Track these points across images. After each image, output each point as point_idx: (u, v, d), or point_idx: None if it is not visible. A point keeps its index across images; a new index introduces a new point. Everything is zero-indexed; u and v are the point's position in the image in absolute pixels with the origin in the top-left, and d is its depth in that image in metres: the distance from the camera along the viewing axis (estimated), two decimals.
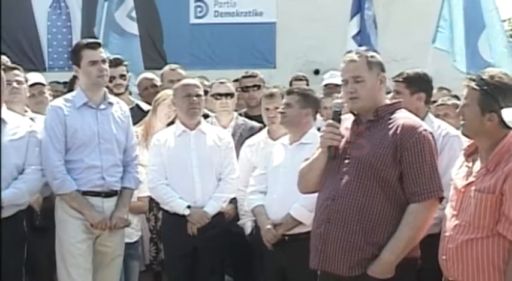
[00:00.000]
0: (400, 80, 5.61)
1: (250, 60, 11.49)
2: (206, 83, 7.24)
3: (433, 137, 4.36)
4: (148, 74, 8.28)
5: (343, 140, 4.37)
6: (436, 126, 5.48)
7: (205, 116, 6.51)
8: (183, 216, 5.91)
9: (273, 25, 12.04)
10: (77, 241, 5.60)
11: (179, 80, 6.50)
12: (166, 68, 7.81)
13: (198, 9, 12.06)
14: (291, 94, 5.78)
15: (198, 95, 6.05)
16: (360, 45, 8.40)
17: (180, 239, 5.92)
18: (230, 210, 6.26)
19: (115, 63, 6.96)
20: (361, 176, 4.23)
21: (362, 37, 9.59)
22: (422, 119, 5.05)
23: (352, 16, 9.71)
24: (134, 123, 6.13)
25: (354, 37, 9.62)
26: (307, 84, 8.33)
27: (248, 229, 6.14)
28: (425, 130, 4.28)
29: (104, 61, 5.70)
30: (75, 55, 5.76)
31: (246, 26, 12.00)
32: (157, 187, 5.97)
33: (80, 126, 5.63)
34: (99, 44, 5.85)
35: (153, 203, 6.32)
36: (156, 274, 6.67)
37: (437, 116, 6.03)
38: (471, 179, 4.19)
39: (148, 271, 6.60)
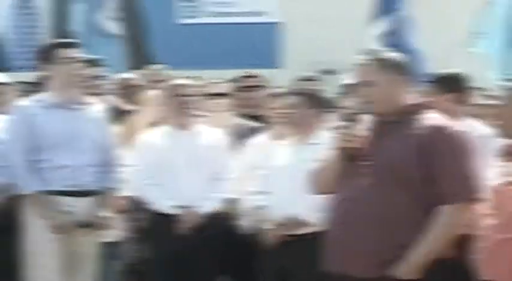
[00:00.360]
0: (432, 80, 5.66)
1: (250, 60, 11.53)
2: (199, 83, 7.18)
3: (466, 137, 4.34)
4: (128, 74, 8.33)
5: (363, 141, 4.37)
6: (470, 127, 5.39)
7: (198, 116, 6.51)
8: (172, 216, 6.02)
9: (274, 25, 12.42)
10: (44, 240, 5.62)
11: (164, 80, 6.74)
12: (152, 67, 8.11)
13: (189, 9, 12.63)
14: (295, 94, 5.91)
15: (188, 95, 6.19)
16: (391, 45, 8.27)
17: (168, 239, 6.03)
18: (230, 210, 6.27)
19: (91, 63, 6.93)
20: (382, 177, 4.23)
21: (393, 37, 9.67)
22: (456, 119, 5.02)
23: (381, 14, 9.78)
24: (114, 124, 6.24)
25: (381, 36, 9.67)
26: (317, 85, 7.98)
27: (248, 229, 6.12)
28: (457, 130, 4.28)
29: (78, 61, 5.79)
30: (48, 54, 5.83)
31: (244, 26, 12.42)
32: (144, 187, 6.12)
33: (50, 126, 5.71)
34: (73, 44, 6.00)
35: (139, 202, 6.32)
36: (139, 274, 6.61)
37: (470, 116, 5.94)
38: (508, 178, 4.19)
39: (130, 271, 6.61)
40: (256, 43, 12.26)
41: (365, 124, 4.42)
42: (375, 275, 4.24)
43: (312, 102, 5.79)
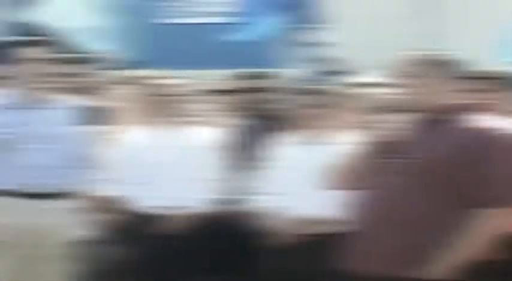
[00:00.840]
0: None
1: (252, 60, 11.37)
2: (189, 82, 7.06)
3: None
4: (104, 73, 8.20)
5: (399, 138, 4.47)
6: None
7: (187, 116, 6.59)
8: (156, 216, 6.16)
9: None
10: None
11: (148, 80, 6.73)
12: (138, 67, 8.01)
13: (179, 8, 12.55)
14: (303, 94, 6.22)
15: (175, 95, 6.37)
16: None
17: (152, 239, 6.15)
18: (230, 211, 6.33)
19: (68, 60, 7.03)
20: (416, 176, 4.30)
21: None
22: None
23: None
24: (95, 123, 6.33)
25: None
26: (327, 84, 7.87)
27: (255, 230, 6.18)
28: (505, 133, 4.31)
29: (42, 59, 5.96)
30: (8, 53, 6.04)
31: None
32: (127, 186, 6.18)
33: (7, 126, 5.90)
34: (38, 42, 6.18)
35: (121, 202, 6.35)
36: (115, 275, 6.54)
37: None
38: None
39: (105, 273, 6.54)
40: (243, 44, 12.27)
41: (401, 122, 4.52)
42: (402, 275, 4.29)
43: (318, 102, 5.98)
